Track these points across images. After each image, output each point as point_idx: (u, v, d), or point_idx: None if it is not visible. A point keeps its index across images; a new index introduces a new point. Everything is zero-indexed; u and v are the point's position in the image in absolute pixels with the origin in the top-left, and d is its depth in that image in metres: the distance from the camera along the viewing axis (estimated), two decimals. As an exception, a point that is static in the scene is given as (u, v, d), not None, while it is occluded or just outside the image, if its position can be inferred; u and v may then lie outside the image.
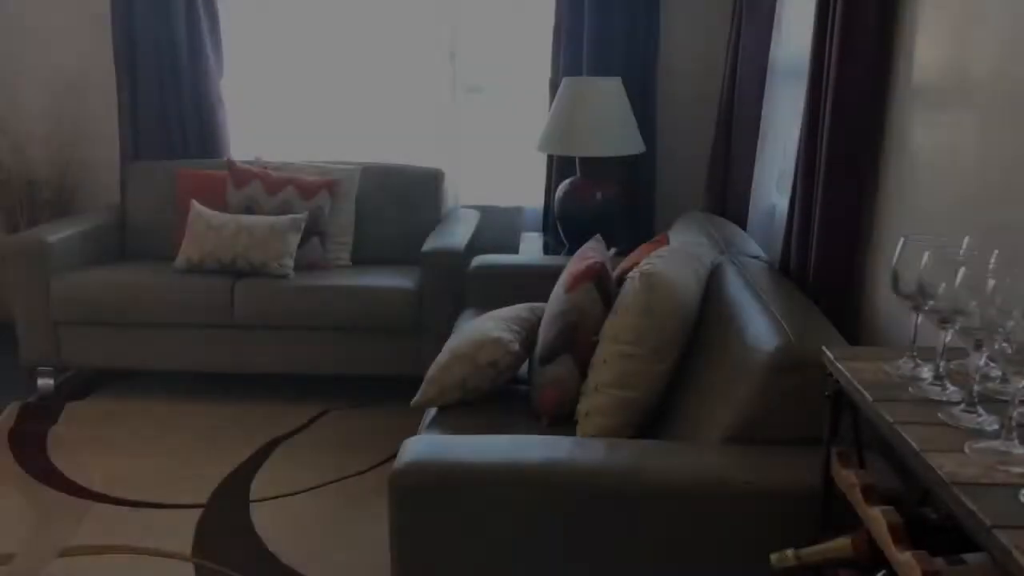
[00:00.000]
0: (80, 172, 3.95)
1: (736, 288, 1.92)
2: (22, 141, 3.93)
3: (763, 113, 2.84)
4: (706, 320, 1.94)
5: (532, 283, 2.79)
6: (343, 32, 3.81)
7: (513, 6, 3.74)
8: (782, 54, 2.76)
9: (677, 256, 1.97)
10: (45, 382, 3.32)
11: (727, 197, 3.11)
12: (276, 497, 2.60)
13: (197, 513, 2.50)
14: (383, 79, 3.86)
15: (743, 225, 2.92)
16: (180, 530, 2.41)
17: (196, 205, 3.32)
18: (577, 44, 3.55)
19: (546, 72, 3.64)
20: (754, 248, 2.33)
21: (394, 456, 1.57)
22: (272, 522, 2.46)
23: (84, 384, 3.43)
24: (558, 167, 3.65)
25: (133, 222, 3.62)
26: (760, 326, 1.68)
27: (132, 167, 3.67)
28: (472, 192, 3.93)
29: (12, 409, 3.17)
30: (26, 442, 2.93)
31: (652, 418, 1.91)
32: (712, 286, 2.03)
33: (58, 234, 3.25)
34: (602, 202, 3.26)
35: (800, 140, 2.13)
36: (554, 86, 3.59)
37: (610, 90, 3.14)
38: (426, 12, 3.78)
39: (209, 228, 3.23)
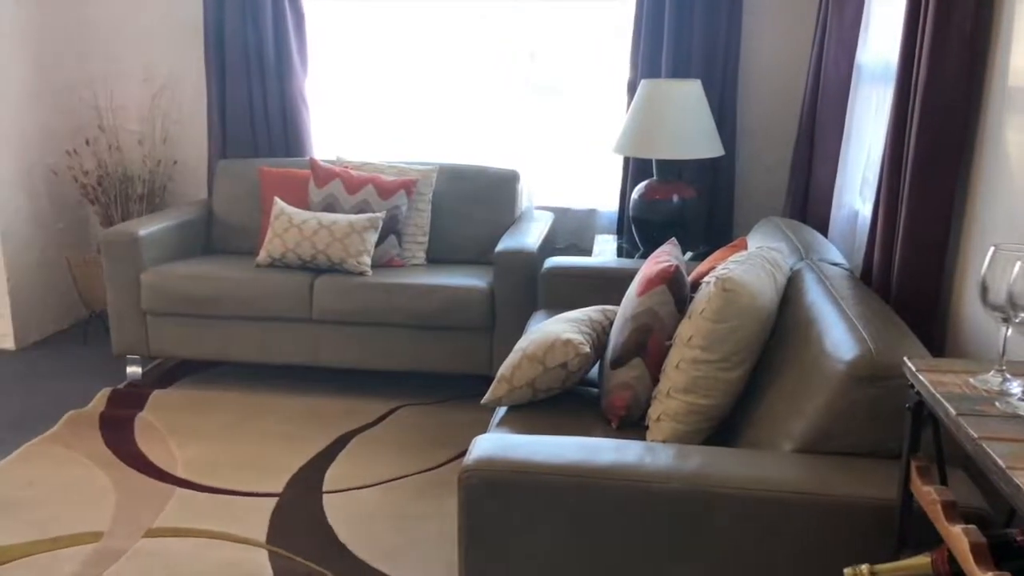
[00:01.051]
0: (171, 169, 4.12)
1: (815, 295, 1.88)
2: (119, 139, 4.11)
3: (847, 116, 2.77)
4: (783, 327, 1.90)
5: (605, 286, 2.79)
6: (423, 33, 3.87)
7: (594, 7, 3.73)
8: (869, 55, 2.68)
9: (754, 261, 1.94)
10: (133, 370, 3.47)
11: (808, 202, 3.04)
12: (348, 489, 2.66)
13: (272, 501, 2.58)
14: (461, 80, 3.90)
15: (824, 231, 2.85)
16: (256, 517, 2.49)
17: (279, 202, 3.41)
18: (656, 46, 3.53)
19: (624, 74, 3.63)
20: (835, 255, 2.27)
21: (464, 453, 1.59)
22: (344, 514, 2.52)
23: (169, 373, 3.57)
24: (634, 169, 3.63)
25: (219, 218, 3.75)
26: (839, 334, 1.64)
27: (219, 165, 3.80)
28: (547, 193, 3.94)
29: (103, 394, 3.32)
30: (115, 426, 3.06)
31: (723, 424, 1.88)
32: (790, 292, 1.99)
33: (149, 228, 3.39)
34: (679, 205, 3.23)
35: (886, 144, 2.07)
36: (632, 88, 3.57)
37: (689, 92, 3.11)
38: (506, 13, 3.80)
39: (291, 225, 3.32)
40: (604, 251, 3.44)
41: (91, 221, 4.21)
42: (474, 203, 3.61)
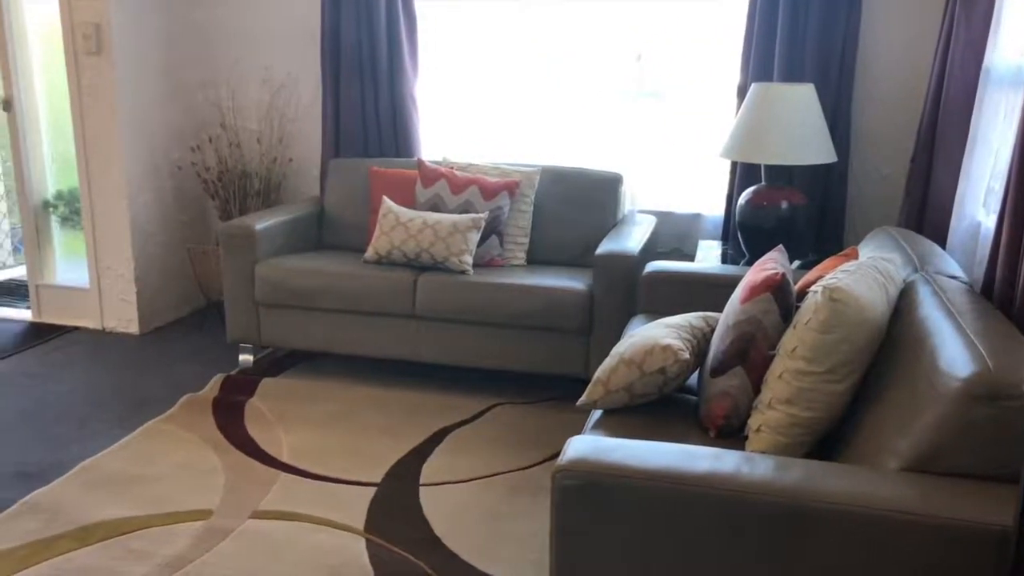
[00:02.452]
0: (286, 167, 4.29)
1: (929, 308, 1.80)
2: (240, 137, 4.32)
3: (973, 122, 2.63)
4: (893, 340, 1.83)
5: (707, 292, 2.74)
6: (530, 35, 3.90)
7: (704, 7, 3.68)
8: (999, 58, 2.54)
9: (865, 271, 1.87)
10: (245, 358, 3.63)
11: (926, 212, 2.90)
12: (444, 483, 2.71)
13: (371, 491, 2.65)
14: (567, 82, 3.91)
15: (942, 243, 2.72)
16: (355, 505, 2.57)
17: (387, 201, 3.51)
18: (768, 49, 3.44)
19: (733, 77, 3.56)
20: (953, 267, 2.16)
21: (558, 454, 1.59)
22: (439, 507, 2.57)
23: (279, 362, 3.72)
24: (742, 174, 3.55)
25: (330, 214, 3.88)
26: (954, 350, 1.56)
27: (331, 164, 3.93)
28: (650, 197, 3.90)
29: (217, 380, 3.49)
30: (227, 411, 3.22)
31: (825, 438, 1.82)
32: (902, 305, 1.91)
33: (264, 223, 3.54)
34: (787, 212, 3.15)
35: (1014, 152, 1.96)
36: (742, 92, 3.50)
37: (802, 96, 3.02)
38: (614, 15, 3.79)
39: (397, 223, 3.40)
40: (708, 257, 3.38)
41: (211, 215, 4.43)
42: (576, 205, 3.61)
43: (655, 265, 2.91)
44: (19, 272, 4.92)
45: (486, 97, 4.02)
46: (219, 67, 4.28)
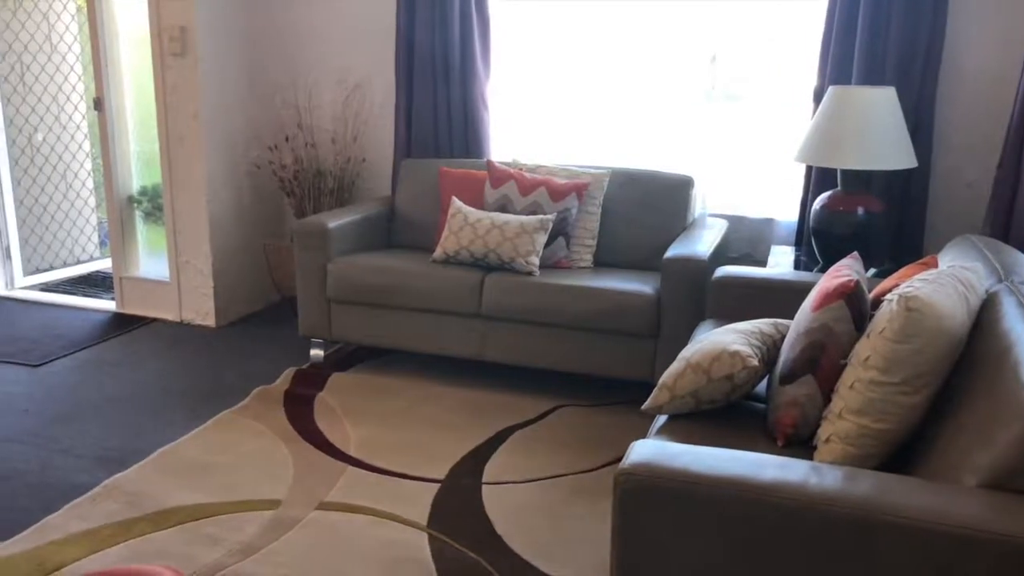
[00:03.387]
0: (359, 167, 4.38)
1: (1014, 320, 1.73)
2: (315, 137, 4.42)
3: (1065, 128, 2.52)
4: (973, 353, 1.76)
5: (778, 298, 2.69)
6: (601, 37, 3.89)
7: (781, 8, 3.61)
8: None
9: (944, 280, 1.81)
10: (316, 352, 3.72)
11: (1013, 220, 2.79)
12: (507, 483, 2.72)
13: (435, 487, 2.68)
14: (639, 83, 3.89)
15: (1029, 252, 2.61)
16: (419, 500, 2.60)
17: (456, 201, 3.54)
18: (847, 50, 3.36)
19: (810, 80, 3.48)
20: (1040, 278, 2.07)
21: (622, 458, 1.59)
22: (502, 506, 2.58)
23: (348, 357, 3.79)
24: (817, 179, 3.48)
25: (401, 214, 3.94)
26: (1039, 365, 1.50)
27: (403, 164, 3.99)
28: (722, 201, 3.85)
29: (288, 373, 3.58)
30: (297, 403, 3.30)
31: (897, 450, 1.77)
32: (985, 317, 1.84)
33: (337, 221, 3.61)
34: (864, 218, 3.06)
35: (1109, 159, 1.87)
36: (819, 95, 3.43)
37: (882, 100, 2.94)
38: (687, 16, 3.75)
39: (466, 224, 3.43)
40: (780, 263, 3.31)
41: (286, 212, 4.55)
42: (645, 208, 3.59)
43: (725, 270, 2.87)
44: (105, 264, 5.13)
45: (557, 98, 4.02)
46: (297, 68, 4.39)
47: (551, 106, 4.04)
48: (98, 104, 4.19)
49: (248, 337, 4.05)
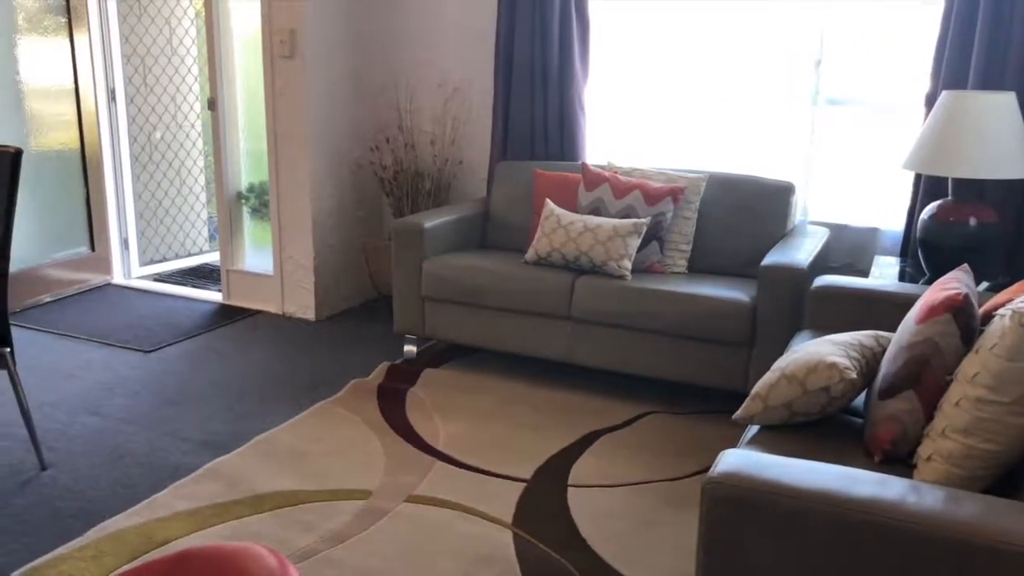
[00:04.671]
0: (456, 168, 4.45)
1: None
2: (415, 139, 4.52)
3: None
4: (1093, 374, 1.66)
5: (880, 311, 2.60)
6: (701, 39, 3.84)
7: (893, 10, 3.48)
8: None
9: (1063, 297, 1.71)
10: (410, 348, 3.80)
11: None
12: (592, 486, 2.72)
13: (520, 486, 2.70)
14: (739, 87, 3.82)
15: None
16: (504, 499, 2.63)
17: (549, 204, 3.56)
18: (964, 54, 3.21)
19: (921, 85, 3.35)
20: None
21: (710, 468, 1.57)
22: (586, 509, 2.58)
23: (440, 354, 3.86)
24: (926, 188, 3.34)
25: (495, 215, 3.98)
26: None
27: (498, 166, 4.03)
28: (824, 208, 3.74)
29: (382, 368, 3.67)
30: (390, 397, 3.38)
31: (1006, 473, 1.68)
32: (1106, 336, 1.73)
33: (433, 221, 3.68)
34: (976, 229, 2.92)
35: None
36: (931, 100, 3.29)
37: (1000, 105, 2.80)
38: (793, 17, 3.66)
39: (559, 226, 3.45)
40: (884, 274, 3.20)
41: (385, 212, 4.66)
42: (743, 214, 3.52)
43: (825, 279, 2.79)
44: (213, 257, 5.38)
45: (655, 101, 3.99)
46: (399, 71, 4.49)
47: (648, 109, 4.01)
48: (212, 104, 4.40)
49: (345, 331, 4.17)
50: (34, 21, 4.37)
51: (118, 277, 4.95)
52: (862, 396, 2.18)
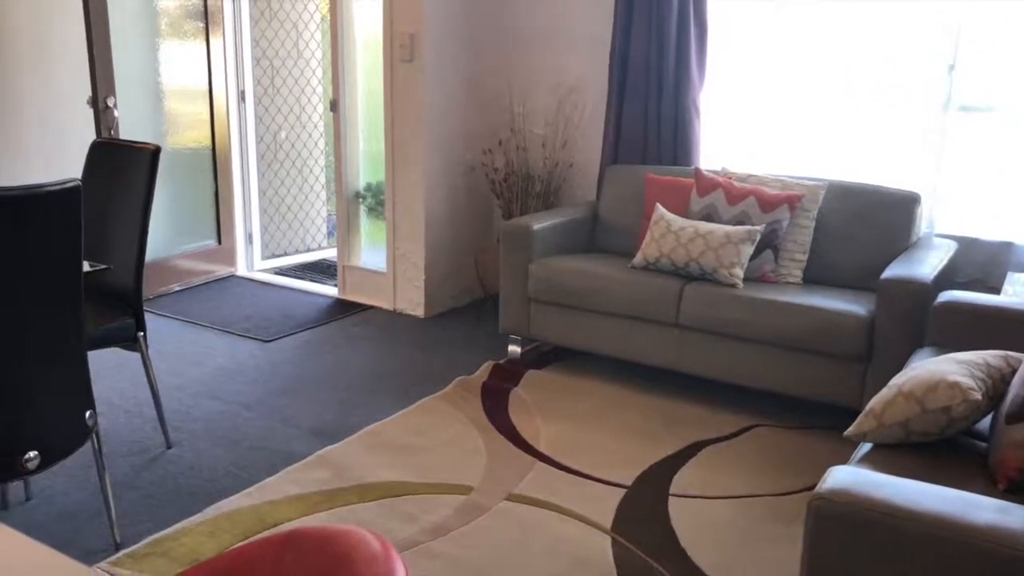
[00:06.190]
0: (566, 171, 4.46)
1: None
2: (526, 141, 4.56)
3: None
4: None
5: (1012, 330, 2.45)
6: (824, 42, 3.71)
7: (1035, 14, 3.28)
8: None
9: None
10: (514, 349, 3.83)
11: None
12: (695, 496, 2.67)
13: (621, 492, 2.69)
14: (863, 91, 3.67)
15: None
16: (604, 503, 2.62)
17: (660, 208, 3.52)
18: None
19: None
20: None
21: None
22: (687, 519, 2.54)
23: (544, 356, 3.88)
24: (1068, 201, 3.12)
25: (603, 219, 3.97)
26: None
27: (609, 169, 4.02)
28: (952, 220, 3.56)
29: (487, 367, 3.72)
30: (493, 396, 3.42)
31: None
32: None
33: (541, 223, 3.70)
34: (1123, 247, 2.71)
35: None
36: (1077, 107, 3.08)
37: None
38: (925, 19, 3.49)
39: (669, 231, 3.41)
40: (1018, 291, 3.01)
41: (495, 213, 4.72)
42: (864, 224, 3.39)
43: (951, 295, 2.65)
44: (330, 253, 5.58)
45: (773, 105, 3.89)
46: (513, 74, 4.54)
47: (766, 113, 3.91)
48: (334, 106, 4.57)
49: (452, 329, 4.25)
50: (175, 26, 4.65)
51: (242, 269, 5.21)
52: (987, 419, 2.06)
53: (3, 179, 4.01)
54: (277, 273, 5.22)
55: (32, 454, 2.04)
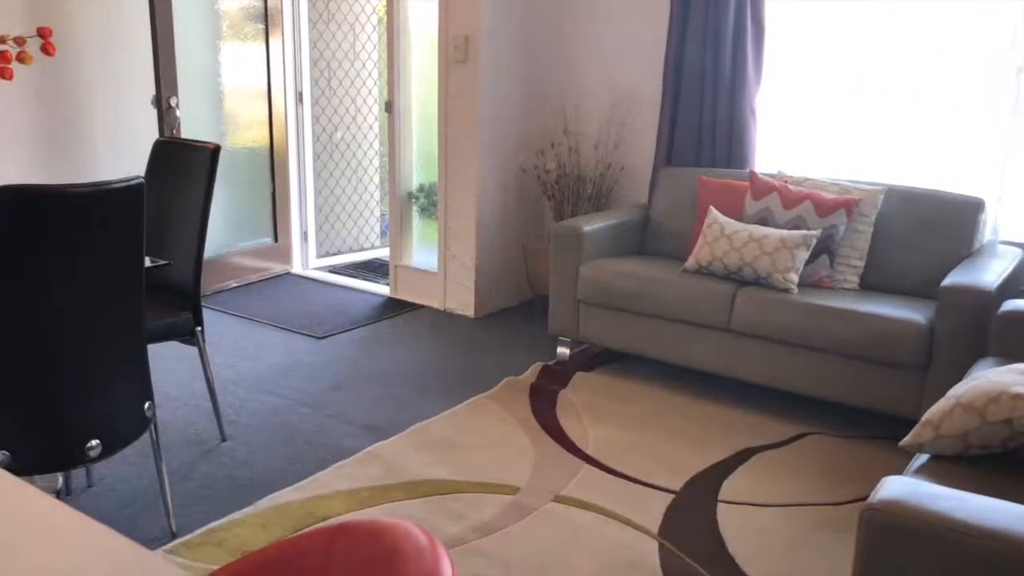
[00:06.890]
0: (618, 174, 4.44)
1: None
2: (579, 143, 4.55)
3: None
4: None
5: (1079, 341, 2.37)
6: (887, 43, 3.63)
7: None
8: None
9: None
10: (563, 350, 3.83)
11: None
12: (744, 504, 2.64)
13: (668, 497, 2.67)
14: (926, 94, 3.58)
15: None
16: (651, 508, 2.60)
17: (713, 211, 3.49)
18: None
19: None
20: None
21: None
22: (736, 526, 2.51)
23: (593, 358, 3.87)
24: None
25: (655, 222, 3.95)
26: None
27: (661, 172, 3.99)
28: (1018, 227, 3.45)
29: (536, 368, 3.73)
30: (541, 397, 3.42)
31: None
32: None
33: (592, 225, 3.70)
34: None
35: None
36: None
37: None
38: (993, 20, 3.39)
39: (722, 235, 3.37)
40: (1085, 301, 2.91)
41: (546, 215, 4.73)
42: (924, 230, 3.30)
43: (1015, 304, 2.57)
44: (383, 253, 5.65)
45: (831, 107, 3.82)
46: (567, 76, 4.54)
47: (824, 115, 3.84)
48: (388, 107, 4.62)
49: (502, 330, 4.27)
50: (236, 28, 4.76)
51: (296, 267, 5.30)
52: (1051, 432, 2.00)
53: (71, 176, 4.15)
54: (331, 271, 5.30)
55: (94, 442, 2.11)
